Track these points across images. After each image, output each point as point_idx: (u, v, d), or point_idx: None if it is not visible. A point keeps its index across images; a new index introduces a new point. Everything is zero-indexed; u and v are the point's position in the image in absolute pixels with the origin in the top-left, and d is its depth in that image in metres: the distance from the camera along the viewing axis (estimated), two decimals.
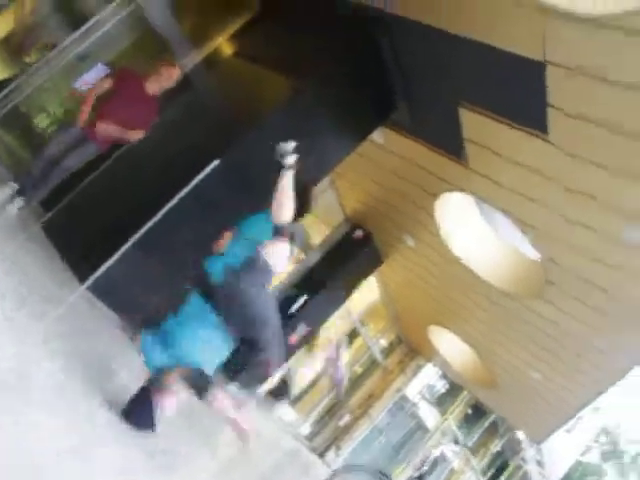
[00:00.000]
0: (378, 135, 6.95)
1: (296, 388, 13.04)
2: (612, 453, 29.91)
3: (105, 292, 5.39)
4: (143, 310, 5.40)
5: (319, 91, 5.91)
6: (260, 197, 5.63)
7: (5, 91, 6.30)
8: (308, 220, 6.02)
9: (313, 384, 14.46)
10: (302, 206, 5.38)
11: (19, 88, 6.43)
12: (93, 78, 5.89)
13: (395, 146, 7.33)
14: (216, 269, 5.19)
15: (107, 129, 5.71)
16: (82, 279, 5.29)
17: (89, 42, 6.50)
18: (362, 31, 5.85)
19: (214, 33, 7.38)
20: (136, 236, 5.33)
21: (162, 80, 5.93)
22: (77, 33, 6.43)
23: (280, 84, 5.88)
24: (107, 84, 5.69)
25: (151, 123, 5.96)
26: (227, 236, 5.07)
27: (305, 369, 13.32)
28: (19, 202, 5.57)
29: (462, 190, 7.05)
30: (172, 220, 5.41)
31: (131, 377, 4.55)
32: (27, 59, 7.02)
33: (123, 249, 5.30)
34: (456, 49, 5.14)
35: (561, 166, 5.29)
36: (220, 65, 6.96)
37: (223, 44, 7.27)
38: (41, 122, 7.44)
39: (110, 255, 5.28)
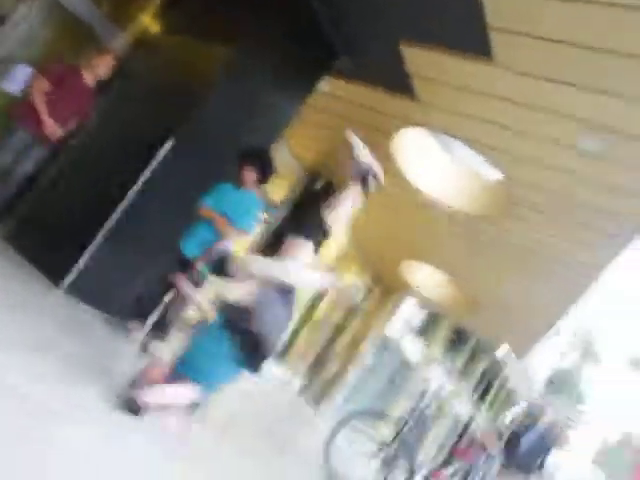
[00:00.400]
0: (323, 84, 6.88)
1: None
2: (588, 355, 31.18)
3: (85, 291, 5.27)
4: (128, 302, 5.37)
5: (254, 51, 5.80)
6: (218, 167, 5.65)
7: None
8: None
9: (294, 338, 14.57)
10: (267, 170, 5.41)
11: None
12: (20, 78, 5.68)
13: (342, 92, 7.31)
14: (189, 247, 5.26)
15: (55, 128, 5.57)
16: (58, 283, 5.21)
17: (8, 43, 6.30)
18: None
19: (137, 11, 7.17)
20: (105, 230, 5.27)
21: (97, 70, 5.82)
22: None
23: (215, 52, 5.77)
24: (44, 84, 5.50)
25: (90, 111, 5.85)
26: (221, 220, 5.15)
27: None
28: None
29: (416, 125, 7.10)
30: (138, 206, 5.36)
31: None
32: None
33: (95, 245, 5.25)
34: None
35: (509, 85, 5.36)
36: (151, 44, 6.70)
37: (150, 22, 7.06)
38: None
39: (82, 253, 5.22)
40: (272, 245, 10.12)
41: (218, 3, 6.24)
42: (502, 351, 18.90)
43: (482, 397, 22.50)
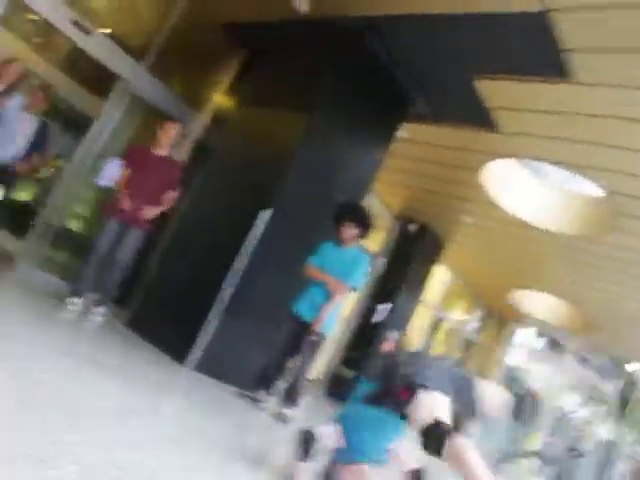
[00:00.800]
0: (402, 131, 6.93)
1: None
2: None
3: (210, 367, 5.47)
4: (253, 372, 5.51)
5: (332, 111, 5.95)
6: (318, 227, 5.78)
7: (41, 217, 6.64)
8: None
9: None
10: (366, 224, 5.44)
11: (47, 206, 6.72)
12: (111, 172, 5.99)
13: (423, 137, 7.34)
14: (302, 310, 5.32)
15: (149, 212, 5.80)
16: (182, 361, 5.42)
17: (100, 141, 6.78)
18: (353, 43, 5.86)
19: (210, 90, 7.56)
20: (218, 304, 5.48)
21: (162, 140, 5.98)
22: (86, 139, 6.75)
23: (293, 120, 5.93)
24: (125, 174, 5.82)
25: (178, 181, 6.02)
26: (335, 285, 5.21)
27: None
28: (100, 310, 5.74)
29: (503, 156, 7.01)
30: (247, 277, 5.54)
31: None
32: (38, 175, 7.30)
33: (211, 320, 5.46)
34: (456, 28, 5.13)
35: (593, 100, 5.24)
36: (228, 119, 7.00)
37: (224, 99, 7.41)
38: (74, 226, 7.79)
39: (200, 330, 5.44)
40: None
41: (286, 70, 6.49)
42: (634, 366, 17.90)
43: (622, 417, 21.26)
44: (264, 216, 5.53)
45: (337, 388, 10.00)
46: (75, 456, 2.19)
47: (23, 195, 7.48)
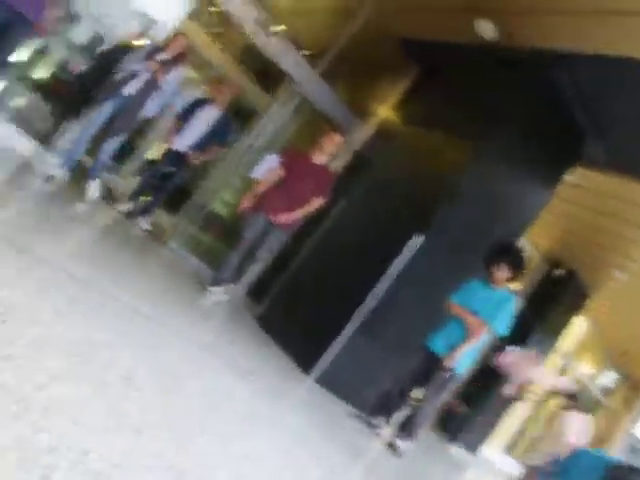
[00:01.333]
0: (571, 174, 6.55)
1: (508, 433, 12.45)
2: None
3: (333, 382, 5.39)
4: (374, 396, 5.38)
5: (504, 143, 5.69)
6: (468, 263, 5.55)
7: (194, 198, 6.88)
8: None
9: (523, 431, 13.65)
10: (520, 268, 5.15)
11: (203, 190, 6.94)
12: (266, 168, 6.05)
13: (591, 183, 6.90)
14: (437, 344, 5.12)
15: (288, 217, 5.74)
16: (307, 371, 5.37)
17: (263, 137, 6.93)
18: (538, 75, 5.59)
19: (375, 104, 7.51)
20: (354, 321, 5.38)
21: (325, 149, 5.92)
22: (252, 132, 6.93)
23: (461, 147, 5.71)
24: (277, 175, 5.82)
25: (328, 190, 5.90)
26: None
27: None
28: (230, 287, 5.88)
29: None
30: (387, 300, 5.42)
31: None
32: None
33: (344, 336, 5.38)
34: None
35: None
36: (391, 135, 6.90)
37: (389, 114, 7.32)
38: (221, 212, 7.99)
39: (331, 344, 5.38)
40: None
41: (461, 94, 6.28)
42: None
43: None
44: (417, 241, 5.40)
45: (449, 422, 9.67)
46: (205, 465, 2.14)
47: None
